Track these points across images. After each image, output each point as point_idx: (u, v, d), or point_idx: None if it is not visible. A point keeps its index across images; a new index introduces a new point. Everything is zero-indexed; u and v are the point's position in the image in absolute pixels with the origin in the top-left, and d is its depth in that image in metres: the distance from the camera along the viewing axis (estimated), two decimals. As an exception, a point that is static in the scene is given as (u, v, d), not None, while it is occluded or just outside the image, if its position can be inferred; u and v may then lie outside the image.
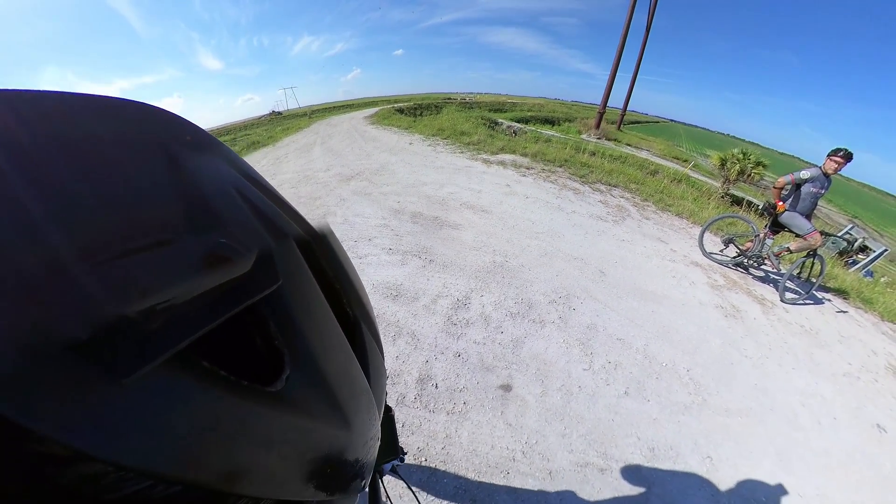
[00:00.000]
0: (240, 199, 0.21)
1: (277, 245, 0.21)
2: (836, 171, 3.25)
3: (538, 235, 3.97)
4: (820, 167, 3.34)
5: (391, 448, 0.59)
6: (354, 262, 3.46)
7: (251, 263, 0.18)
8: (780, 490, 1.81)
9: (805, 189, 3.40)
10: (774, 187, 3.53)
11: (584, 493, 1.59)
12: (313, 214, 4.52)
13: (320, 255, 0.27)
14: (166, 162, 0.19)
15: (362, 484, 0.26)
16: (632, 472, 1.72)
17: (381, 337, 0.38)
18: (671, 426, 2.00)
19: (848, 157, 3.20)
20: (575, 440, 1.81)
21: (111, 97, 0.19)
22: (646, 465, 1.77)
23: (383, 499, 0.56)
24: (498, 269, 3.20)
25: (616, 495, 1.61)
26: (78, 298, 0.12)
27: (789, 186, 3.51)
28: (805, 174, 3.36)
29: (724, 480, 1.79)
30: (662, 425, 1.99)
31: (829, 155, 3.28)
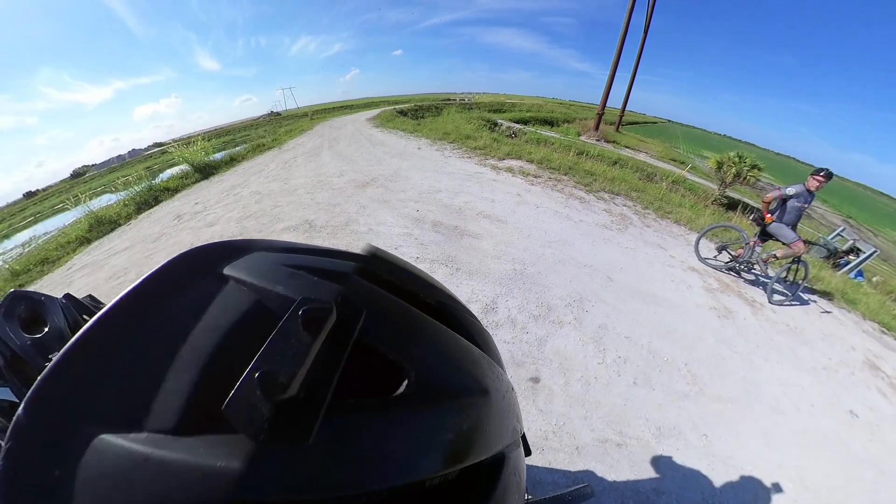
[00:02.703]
0: (293, 270, 0.25)
1: (344, 286, 0.24)
2: (817, 188, 3.67)
3: (551, 244, 4.31)
4: (804, 185, 3.74)
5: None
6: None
7: (335, 311, 0.20)
8: (764, 461, 2.17)
9: (790, 203, 3.80)
10: (763, 201, 3.95)
11: (605, 463, 1.97)
12: (336, 221, 4.78)
13: (380, 271, 0.30)
14: (233, 282, 0.24)
15: (520, 429, 0.28)
16: (643, 447, 2.10)
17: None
18: (673, 410, 2.38)
19: (829, 176, 3.63)
20: (595, 422, 2.19)
21: (156, 272, 0.23)
22: (654, 441, 2.15)
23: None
24: (518, 277, 3.55)
25: (631, 464, 1.99)
26: (253, 406, 0.15)
27: (776, 201, 3.92)
28: (790, 191, 3.77)
29: (718, 453, 2.16)
30: (666, 409, 2.37)
31: (812, 174, 3.71)
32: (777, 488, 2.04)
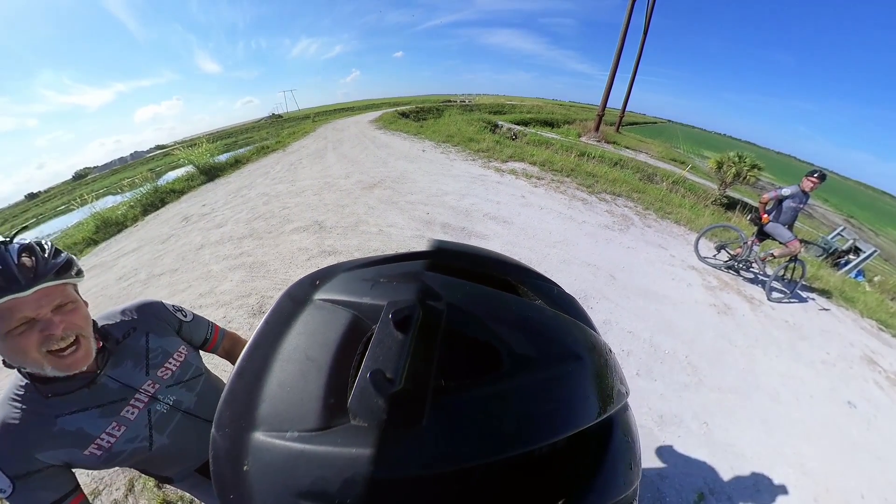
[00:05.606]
0: (373, 281, 0.28)
1: (421, 283, 0.27)
2: (812, 189, 3.81)
3: (555, 245, 4.41)
4: (799, 186, 3.88)
5: None
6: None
7: (419, 307, 0.22)
8: (764, 448, 2.28)
9: (786, 204, 3.93)
10: (760, 202, 4.08)
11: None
12: (345, 222, 4.87)
13: (450, 261, 0.32)
14: (329, 304, 0.27)
15: (625, 391, 0.28)
16: (646, 434, 2.21)
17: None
18: (675, 400, 2.49)
19: (822, 178, 3.78)
20: (601, 410, 2.30)
21: (270, 314, 0.28)
22: (657, 428, 2.26)
23: None
24: (525, 275, 3.67)
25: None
26: (371, 401, 0.18)
27: (773, 202, 4.05)
28: (786, 191, 3.90)
29: (718, 441, 2.27)
30: (668, 399, 2.49)
31: (806, 175, 3.85)
32: (777, 474, 2.14)
